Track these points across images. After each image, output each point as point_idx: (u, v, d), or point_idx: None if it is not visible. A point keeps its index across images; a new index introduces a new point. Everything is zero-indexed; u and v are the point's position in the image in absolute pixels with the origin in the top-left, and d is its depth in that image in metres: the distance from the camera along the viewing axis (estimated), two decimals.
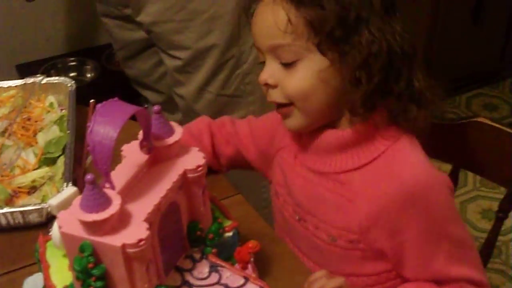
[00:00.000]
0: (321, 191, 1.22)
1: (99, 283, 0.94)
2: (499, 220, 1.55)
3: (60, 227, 0.95)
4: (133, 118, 0.99)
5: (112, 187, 0.95)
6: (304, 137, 1.25)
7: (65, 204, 1.03)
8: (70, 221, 0.94)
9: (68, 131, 1.45)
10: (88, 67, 2.75)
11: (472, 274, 1.20)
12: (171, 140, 1.04)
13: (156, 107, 1.03)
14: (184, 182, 1.04)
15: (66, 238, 0.95)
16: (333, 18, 1.08)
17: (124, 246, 0.91)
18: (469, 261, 1.20)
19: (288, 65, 1.13)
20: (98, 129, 0.92)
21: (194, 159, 1.05)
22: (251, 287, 1.04)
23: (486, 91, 3.31)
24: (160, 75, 1.96)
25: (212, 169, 1.42)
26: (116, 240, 0.92)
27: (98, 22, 2.00)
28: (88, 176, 0.90)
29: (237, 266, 1.08)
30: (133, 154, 1.04)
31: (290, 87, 1.14)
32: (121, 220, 0.93)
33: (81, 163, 1.44)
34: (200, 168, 1.04)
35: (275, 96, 1.16)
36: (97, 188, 0.91)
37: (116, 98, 0.97)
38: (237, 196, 1.38)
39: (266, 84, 1.16)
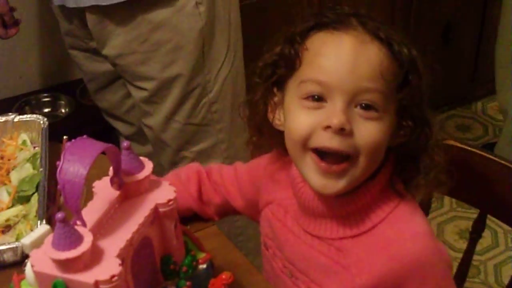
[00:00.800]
0: (314, 253, 1.17)
1: None
2: (473, 241, 1.57)
3: (32, 266, 0.95)
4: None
5: (84, 224, 0.95)
6: (297, 196, 1.18)
7: (38, 243, 1.03)
8: (43, 259, 0.94)
9: (41, 169, 1.45)
10: (62, 102, 2.75)
11: None
12: (141, 175, 1.05)
13: (125, 143, 1.04)
14: (156, 217, 1.04)
15: (39, 276, 0.95)
16: (417, 87, 1.08)
17: (97, 283, 0.91)
18: None
19: (368, 113, 1.05)
20: (68, 168, 0.92)
21: (165, 193, 1.06)
22: None
23: (459, 112, 3.35)
24: (129, 107, 1.97)
25: (203, 218, 1.41)
26: (88, 277, 0.92)
27: (71, 57, 2.01)
28: (59, 215, 0.90)
29: None
30: (104, 191, 1.05)
31: (366, 137, 1.05)
32: (94, 257, 0.94)
33: (55, 201, 1.44)
34: (171, 202, 1.05)
35: (344, 144, 1.04)
36: (68, 226, 0.91)
37: (85, 136, 0.98)
38: (212, 227, 1.39)
39: (342, 129, 1.03)
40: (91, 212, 1.00)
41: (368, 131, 1.05)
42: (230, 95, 1.82)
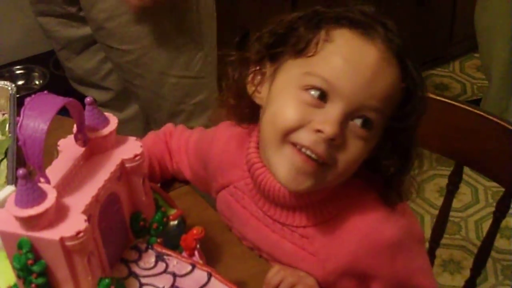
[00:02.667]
0: (278, 238, 1.14)
1: (40, 280, 0.92)
2: (450, 193, 1.56)
3: None
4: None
5: (47, 181, 0.93)
6: (255, 182, 1.12)
7: (3, 204, 1.01)
8: (7, 218, 0.92)
9: (10, 135, 1.43)
10: (36, 74, 2.72)
11: None
12: (106, 130, 1.03)
13: (88, 98, 1.01)
14: (122, 172, 1.02)
15: (4, 236, 0.93)
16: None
17: (62, 240, 0.89)
18: None
19: (362, 130, 1.00)
20: (28, 123, 0.90)
21: (131, 149, 1.04)
22: (199, 273, 1.03)
23: (437, 72, 3.34)
24: (107, 71, 1.95)
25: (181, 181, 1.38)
26: (53, 234, 0.90)
27: (40, 25, 1.97)
28: (20, 171, 0.88)
29: (184, 254, 1.07)
30: (69, 148, 1.02)
31: (351, 154, 1.00)
32: (59, 214, 0.92)
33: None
34: (138, 157, 1.03)
35: (327, 153, 0.99)
36: (30, 182, 0.89)
37: (45, 92, 0.96)
38: (184, 187, 1.37)
39: (332, 139, 0.98)
40: (56, 170, 0.98)
41: (355, 149, 1.00)
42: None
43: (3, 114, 1.55)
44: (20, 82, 2.68)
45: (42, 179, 0.93)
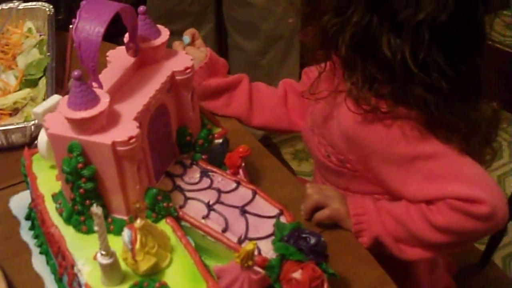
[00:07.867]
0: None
1: (89, 185, 0.91)
2: None
3: (47, 129, 0.92)
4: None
5: (100, 86, 0.92)
6: None
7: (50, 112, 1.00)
8: (58, 122, 0.91)
9: (49, 53, 1.42)
10: None
11: (457, 189, 1.06)
12: (158, 41, 1.01)
13: (141, 8, 1.00)
14: (172, 85, 1.01)
15: (54, 139, 0.92)
16: None
17: (114, 144, 0.88)
18: (454, 175, 1.08)
19: None
20: (84, 25, 0.89)
21: (182, 62, 1.02)
22: (243, 191, 1.03)
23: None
24: None
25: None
26: (105, 138, 0.89)
27: None
28: (75, 73, 0.87)
29: (228, 172, 1.06)
30: (119, 59, 1.01)
31: None
32: (111, 119, 0.91)
33: (63, 86, 1.41)
34: (188, 70, 1.01)
35: None
36: (84, 85, 0.88)
37: None
38: None
39: None
40: (106, 78, 0.96)
41: None
42: None
43: (40, 35, 1.54)
44: None
45: (94, 84, 0.92)
